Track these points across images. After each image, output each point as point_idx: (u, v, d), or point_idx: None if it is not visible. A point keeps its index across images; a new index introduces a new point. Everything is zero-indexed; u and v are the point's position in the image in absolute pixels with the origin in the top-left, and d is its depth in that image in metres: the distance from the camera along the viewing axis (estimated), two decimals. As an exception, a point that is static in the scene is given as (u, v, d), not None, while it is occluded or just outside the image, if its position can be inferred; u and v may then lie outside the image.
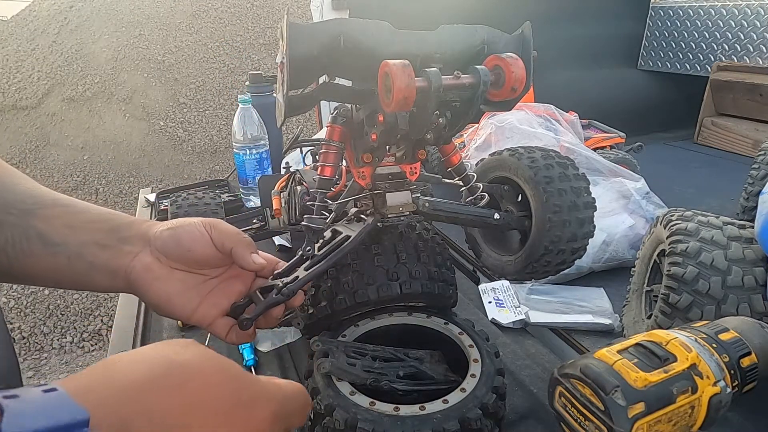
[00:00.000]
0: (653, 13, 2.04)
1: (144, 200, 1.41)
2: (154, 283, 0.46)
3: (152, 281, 0.46)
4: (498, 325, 0.82)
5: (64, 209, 0.45)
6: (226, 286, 0.51)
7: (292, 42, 0.43)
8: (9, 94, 3.74)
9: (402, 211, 0.58)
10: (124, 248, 0.46)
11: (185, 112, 3.73)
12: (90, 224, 0.45)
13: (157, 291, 0.46)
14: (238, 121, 1.19)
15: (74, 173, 3.50)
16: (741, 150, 1.72)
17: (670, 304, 0.61)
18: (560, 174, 0.63)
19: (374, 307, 0.61)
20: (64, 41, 3.93)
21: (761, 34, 1.72)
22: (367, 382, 0.51)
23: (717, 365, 0.43)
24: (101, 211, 0.47)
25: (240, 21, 4.26)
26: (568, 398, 0.43)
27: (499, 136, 1.17)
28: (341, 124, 0.55)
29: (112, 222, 0.46)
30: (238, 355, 0.75)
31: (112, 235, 0.46)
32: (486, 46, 0.49)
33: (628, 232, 0.99)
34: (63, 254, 0.44)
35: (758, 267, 0.59)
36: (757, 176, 0.90)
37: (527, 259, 0.65)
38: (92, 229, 0.45)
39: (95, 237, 0.45)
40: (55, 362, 2.40)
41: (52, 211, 0.44)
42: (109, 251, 0.45)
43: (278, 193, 0.79)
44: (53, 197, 0.46)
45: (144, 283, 0.46)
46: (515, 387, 0.67)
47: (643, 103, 2.07)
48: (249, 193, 1.25)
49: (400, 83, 0.40)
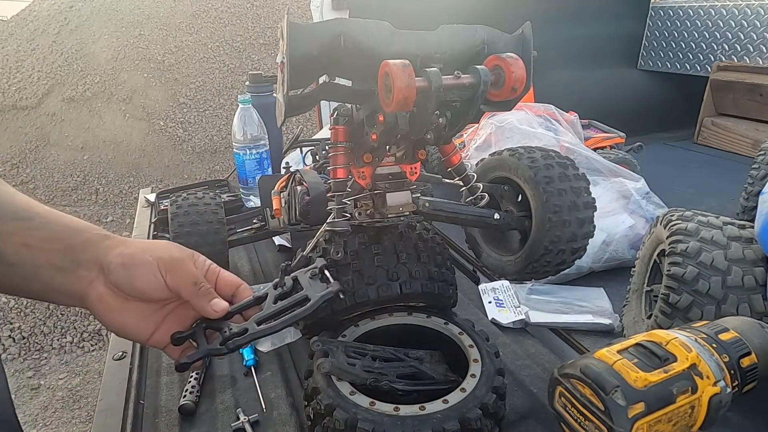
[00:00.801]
0: (653, 13, 2.04)
1: (144, 200, 1.41)
2: (108, 314, 0.46)
3: (106, 312, 0.46)
4: (498, 325, 0.82)
5: (22, 224, 0.44)
6: (181, 310, 0.51)
7: (292, 42, 0.43)
8: (9, 94, 3.74)
9: (402, 211, 0.58)
10: (79, 272, 0.45)
11: (185, 112, 3.73)
12: (47, 243, 0.45)
13: (111, 321, 0.47)
14: (238, 121, 1.19)
15: (74, 173, 3.50)
16: (741, 150, 1.72)
17: (670, 304, 0.61)
18: (560, 174, 0.63)
19: (374, 307, 0.61)
20: (64, 41, 3.93)
21: (761, 34, 1.72)
22: (367, 382, 0.51)
23: (717, 365, 0.43)
24: (60, 226, 0.46)
25: (240, 21, 4.26)
26: (568, 398, 0.43)
27: (499, 136, 1.17)
28: (343, 124, 0.55)
29: (68, 241, 0.46)
30: (238, 355, 0.75)
31: (67, 257, 0.45)
32: (486, 46, 0.49)
33: (628, 232, 0.99)
34: (19, 275, 0.44)
35: (758, 267, 0.59)
36: (757, 176, 0.90)
37: (527, 259, 0.65)
38: (48, 250, 0.44)
39: (51, 258, 0.44)
40: (55, 362, 2.40)
41: (10, 227, 0.44)
42: (65, 275, 0.45)
43: (278, 193, 0.79)
44: (14, 209, 0.45)
45: (99, 312, 0.46)
46: (515, 387, 0.67)
47: (643, 103, 2.07)
48: (249, 193, 1.25)
49: (401, 83, 0.40)
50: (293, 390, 0.68)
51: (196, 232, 0.83)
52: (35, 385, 2.24)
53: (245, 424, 0.61)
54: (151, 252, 0.47)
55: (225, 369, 0.73)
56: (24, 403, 2.12)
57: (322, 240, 0.61)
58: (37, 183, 3.50)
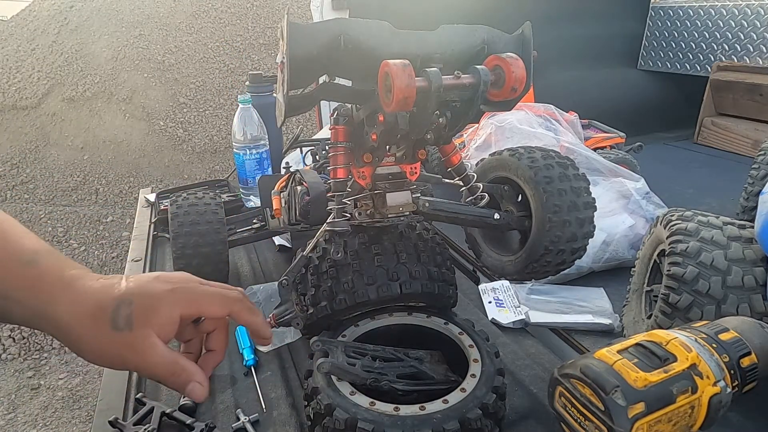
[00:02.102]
0: (653, 13, 2.04)
1: (144, 200, 1.41)
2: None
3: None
4: (498, 325, 0.82)
5: None
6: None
7: (292, 42, 0.43)
8: (9, 94, 3.74)
9: (402, 211, 0.57)
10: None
11: (185, 112, 3.73)
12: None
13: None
14: (238, 121, 1.19)
15: (74, 173, 3.50)
16: (741, 150, 1.72)
17: (670, 304, 0.61)
18: (560, 174, 0.63)
19: (374, 307, 0.61)
20: (64, 41, 3.93)
21: (761, 34, 1.72)
22: (367, 381, 0.51)
23: (717, 365, 0.43)
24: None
25: (240, 21, 4.26)
26: (568, 398, 0.43)
27: (499, 136, 1.17)
28: (343, 124, 0.55)
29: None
30: (238, 355, 0.75)
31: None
32: (486, 46, 0.49)
33: (628, 232, 0.99)
34: None
35: (758, 267, 0.59)
36: (757, 176, 0.90)
37: (527, 259, 0.65)
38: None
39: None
40: (55, 362, 2.40)
41: None
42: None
43: (278, 193, 0.79)
44: None
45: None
46: (515, 387, 0.67)
47: (643, 103, 2.07)
48: (249, 193, 1.25)
49: (401, 83, 0.40)
50: (293, 390, 0.68)
51: (196, 232, 0.83)
52: (35, 385, 2.24)
53: (245, 424, 0.61)
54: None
55: (225, 369, 0.73)
56: (24, 403, 2.12)
57: (322, 240, 0.61)
58: (37, 183, 3.50)
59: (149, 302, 0.41)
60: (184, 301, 0.42)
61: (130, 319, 0.39)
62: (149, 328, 0.40)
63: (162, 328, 0.41)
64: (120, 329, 0.39)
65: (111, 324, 0.39)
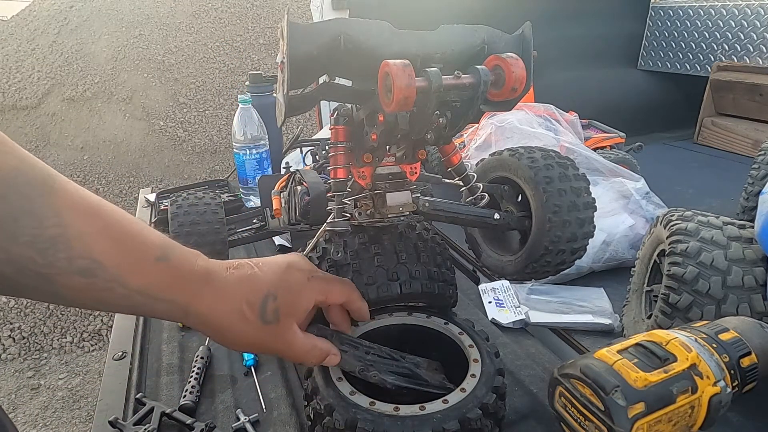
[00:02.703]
0: (653, 13, 2.04)
1: (144, 200, 1.41)
2: None
3: None
4: (498, 325, 0.82)
5: None
6: None
7: (292, 42, 0.43)
8: (9, 94, 3.74)
9: (402, 211, 0.57)
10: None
11: (185, 112, 3.73)
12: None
13: None
14: (238, 121, 1.19)
15: (74, 173, 3.49)
16: (741, 150, 1.72)
17: (670, 304, 0.61)
18: (560, 174, 0.63)
19: (374, 307, 0.61)
20: (64, 41, 3.92)
21: (761, 34, 1.72)
22: (356, 369, 0.51)
23: (717, 365, 0.43)
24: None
25: (240, 21, 4.26)
26: (568, 398, 0.43)
27: (499, 136, 1.17)
28: (343, 124, 0.55)
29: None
30: (238, 355, 0.75)
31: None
32: (486, 46, 0.49)
33: (628, 232, 0.99)
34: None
35: (758, 267, 0.59)
36: (757, 176, 0.90)
37: (527, 259, 0.65)
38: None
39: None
40: (55, 362, 2.40)
41: None
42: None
43: (278, 193, 0.79)
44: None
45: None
46: (515, 387, 0.67)
47: (643, 103, 2.07)
48: (249, 193, 1.25)
49: (401, 83, 0.40)
50: (293, 390, 0.68)
51: (196, 232, 0.83)
52: (35, 385, 2.24)
53: (245, 424, 0.61)
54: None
55: (225, 369, 0.73)
56: (24, 403, 2.12)
57: (322, 240, 0.61)
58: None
59: (291, 295, 0.45)
60: (318, 291, 0.48)
61: (277, 313, 0.44)
62: (292, 318, 0.45)
63: (301, 316, 0.47)
64: (269, 322, 0.43)
65: (260, 319, 0.43)
